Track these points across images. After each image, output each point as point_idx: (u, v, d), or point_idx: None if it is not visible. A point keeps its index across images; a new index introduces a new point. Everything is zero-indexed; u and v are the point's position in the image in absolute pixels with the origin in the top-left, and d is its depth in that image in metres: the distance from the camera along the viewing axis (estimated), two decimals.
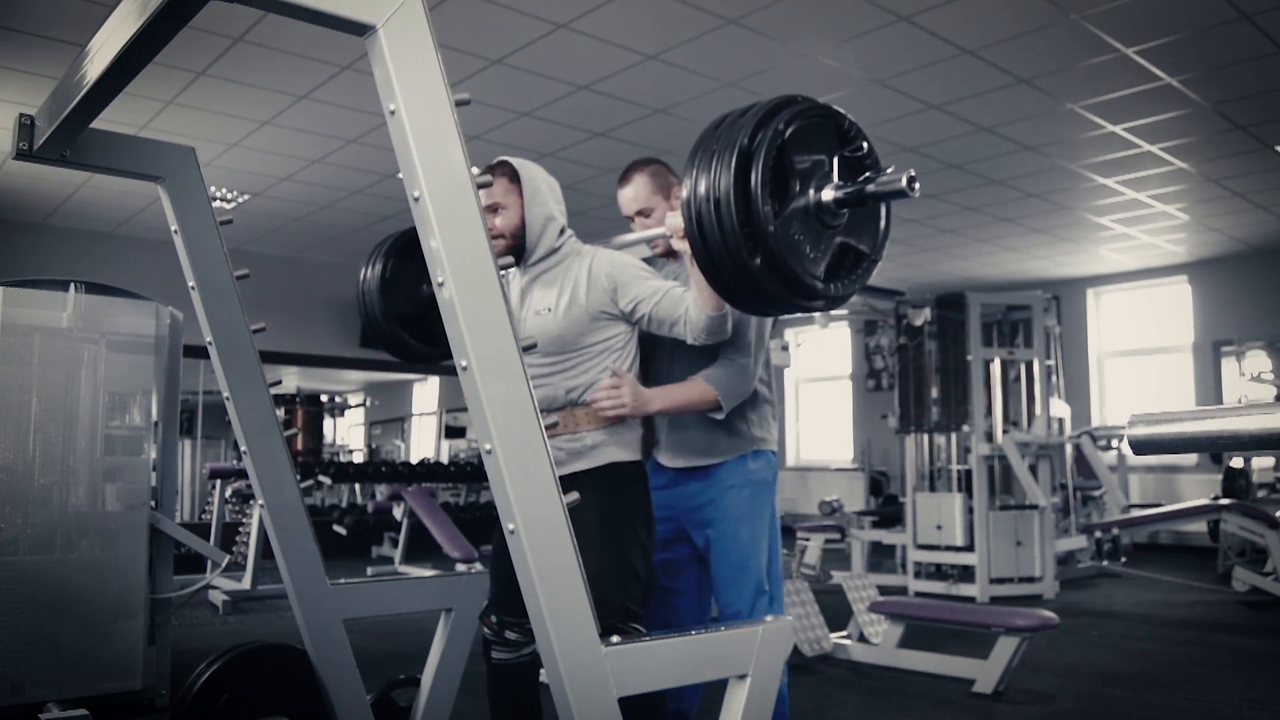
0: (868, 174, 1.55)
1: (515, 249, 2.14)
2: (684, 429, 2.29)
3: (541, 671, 3.50)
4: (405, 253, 2.42)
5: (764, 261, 1.45)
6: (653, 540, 2.07)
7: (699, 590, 2.37)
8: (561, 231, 2.15)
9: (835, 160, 1.54)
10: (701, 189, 1.46)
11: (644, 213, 2.24)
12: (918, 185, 1.48)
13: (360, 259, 2.50)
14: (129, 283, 3.45)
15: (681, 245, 1.86)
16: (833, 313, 6.74)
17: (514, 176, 2.13)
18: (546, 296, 2.08)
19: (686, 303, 1.96)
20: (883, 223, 1.64)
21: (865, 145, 1.57)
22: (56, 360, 3.17)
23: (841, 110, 1.59)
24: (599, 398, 2.03)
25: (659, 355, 2.28)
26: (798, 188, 1.49)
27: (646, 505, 2.07)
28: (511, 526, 1.38)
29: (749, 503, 2.21)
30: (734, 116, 1.51)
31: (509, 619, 2.09)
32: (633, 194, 2.25)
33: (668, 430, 2.35)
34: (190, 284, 2.09)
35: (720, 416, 2.13)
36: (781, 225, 1.45)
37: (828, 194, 1.51)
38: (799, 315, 10.23)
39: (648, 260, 2.36)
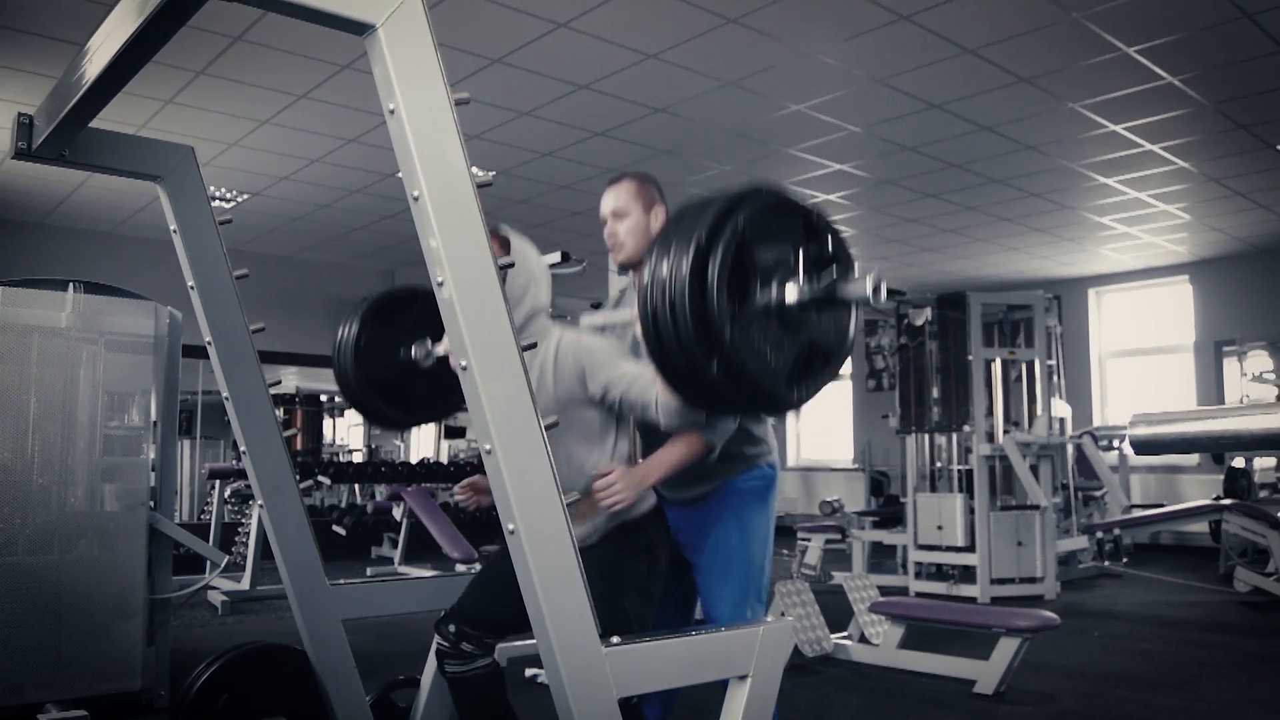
0: (836, 270, 1.46)
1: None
2: None
3: (540, 672, 3.50)
4: (382, 316, 2.38)
5: (720, 365, 1.36)
6: (655, 580, 2.01)
7: (677, 609, 2.31)
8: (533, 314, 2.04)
9: (800, 255, 1.44)
10: (656, 286, 1.38)
11: (618, 213, 2.19)
12: (884, 291, 1.41)
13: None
14: (128, 282, 3.44)
15: None
16: None
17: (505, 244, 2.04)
18: None
19: (657, 388, 1.81)
20: (851, 323, 1.53)
21: (833, 240, 1.48)
22: (55, 360, 3.16)
23: (809, 204, 1.51)
24: (598, 496, 1.99)
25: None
26: (759, 285, 1.40)
27: (651, 546, 2.01)
28: (511, 526, 1.38)
29: (741, 511, 2.15)
30: (695, 208, 1.42)
31: (469, 630, 2.02)
32: (613, 195, 2.20)
33: None
34: (189, 284, 2.08)
35: (714, 457, 2.01)
36: (740, 327, 1.36)
37: (791, 293, 1.41)
38: None
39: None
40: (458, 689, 2.08)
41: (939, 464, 6.48)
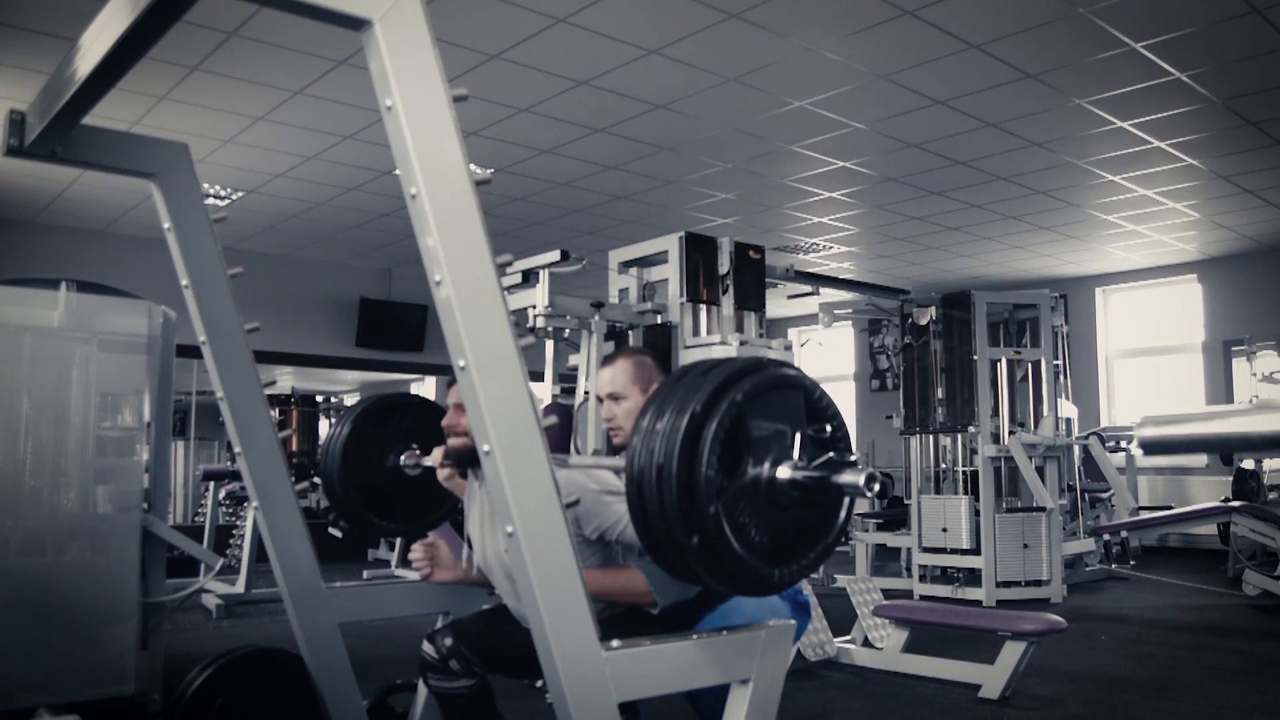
0: (832, 455, 1.43)
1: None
2: None
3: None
4: (374, 421, 2.40)
5: (702, 542, 1.33)
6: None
7: None
8: None
9: (798, 436, 1.41)
10: (645, 450, 1.36)
11: (615, 397, 2.18)
12: (877, 486, 1.37)
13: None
14: (121, 281, 3.43)
15: None
16: (836, 312, 6.68)
17: None
18: None
19: None
20: (843, 509, 1.49)
21: (833, 424, 1.46)
22: (47, 360, 3.15)
23: (812, 382, 1.47)
24: (415, 563, 2.12)
25: None
26: (752, 461, 1.37)
27: (660, 615, 1.97)
28: (510, 529, 1.37)
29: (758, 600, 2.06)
30: (696, 374, 1.40)
31: (465, 650, 2.01)
32: (610, 377, 2.19)
33: None
34: (183, 282, 2.07)
35: (654, 612, 1.92)
36: (726, 504, 1.34)
37: (784, 473, 1.38)
38: (802, 313, 10.12)
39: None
40: (443, 702, 2.08)
41: (944, 465, 6.44)
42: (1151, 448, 4.95)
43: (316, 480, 6.95)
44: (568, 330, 4.39)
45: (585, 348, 4.40)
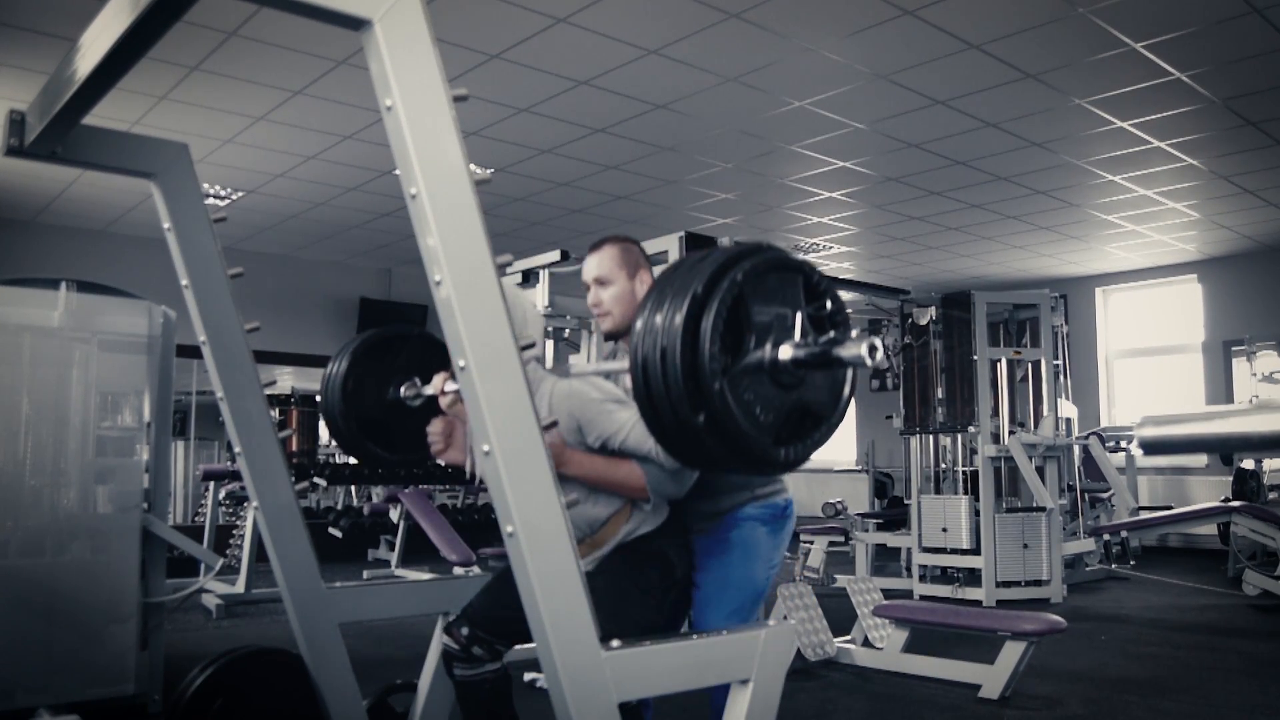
0: (833, 334, 1.45)
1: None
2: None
3: (539, 677, 3.48)
4: (373, 354, 2.40)
5: (708, 419, 1.35)
6: (670, 588, 1.99)
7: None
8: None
9: (799, 316, 1.44)
10: (649, 335, 1.38)
11: (601, 281, 2.18)
12: (879, 355, 1.38)
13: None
14: (121, 281, 3.44)
15: None
16: None
17: None
18: None
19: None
20: (846, 387, 1.53)
21: (832, 303, 1.49)
22: (47, 360, 3.15)
23: (811, 264, 1.51)
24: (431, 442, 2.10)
25: None
26: (754, 342, 1.40)
27: (661, 553, 1.98)
28: (510, 529, 1.37)
29: (748, 534, 2.12)
30: (694, 260, 1.44)
31: (481, 634, 2.01)
32: (596, 262, 2.19)
33: None
34: (183, 282, 2.07)
35: (646, 507, 1.97)
36: (730, 381, 1.36)
37: (786, 352, 1.40)
38: None
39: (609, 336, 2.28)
40: (463, 692, 2.06)
41: (944, 465, 6.44)
42: (1151, 448, 4.95)
43: (317, 480, 6.93)
44: (568, 330, 4.40)
45: (585, 348, 4.40)
